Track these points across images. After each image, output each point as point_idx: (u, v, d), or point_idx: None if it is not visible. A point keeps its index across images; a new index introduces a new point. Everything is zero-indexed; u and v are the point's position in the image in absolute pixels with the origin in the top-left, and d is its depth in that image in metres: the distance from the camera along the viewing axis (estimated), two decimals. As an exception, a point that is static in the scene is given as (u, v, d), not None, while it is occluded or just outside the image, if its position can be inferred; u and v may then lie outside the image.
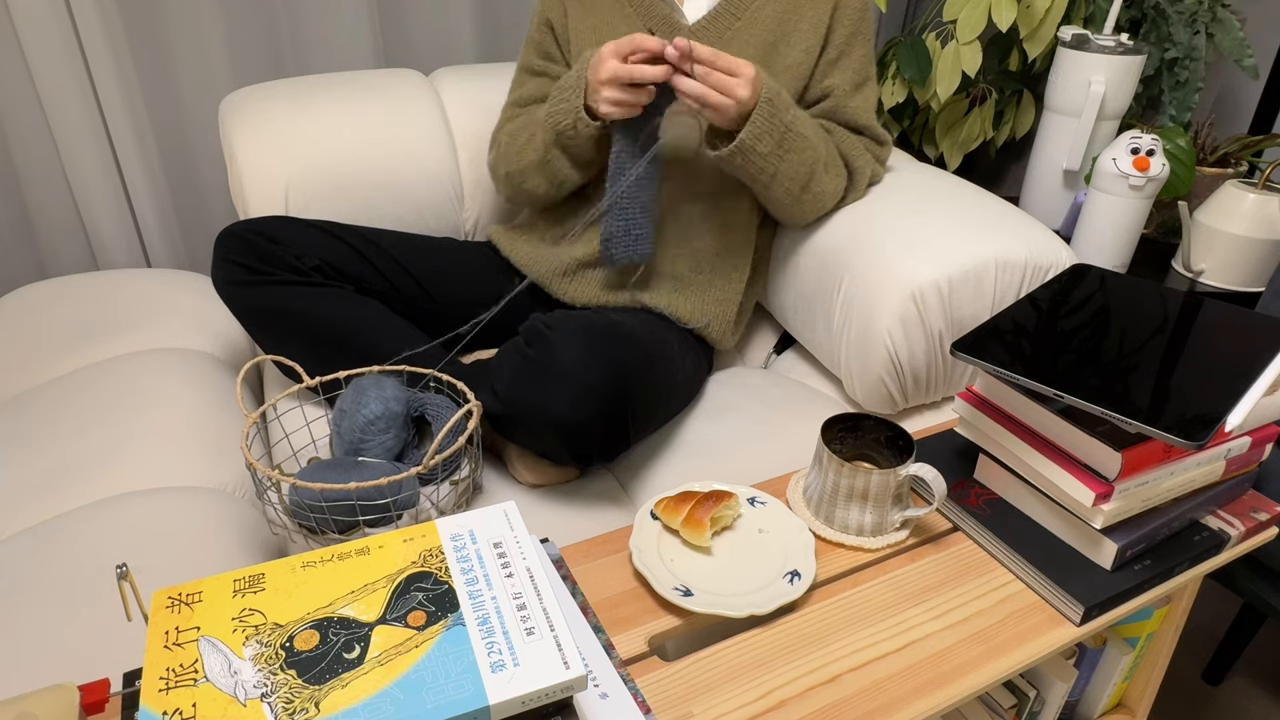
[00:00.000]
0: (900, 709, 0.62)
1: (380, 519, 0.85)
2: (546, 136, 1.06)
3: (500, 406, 0.89)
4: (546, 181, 1.10)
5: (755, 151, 1.00)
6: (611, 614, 0.69)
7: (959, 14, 1.50)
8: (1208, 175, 1.47)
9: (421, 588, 0.53)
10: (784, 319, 1.24)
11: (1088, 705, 0.98)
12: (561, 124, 1.02)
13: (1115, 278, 0.87)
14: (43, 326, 1.16)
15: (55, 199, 1.40)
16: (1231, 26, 1.48)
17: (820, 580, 0.74)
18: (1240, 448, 0.77)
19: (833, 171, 1.10)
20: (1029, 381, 0.70)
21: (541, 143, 1.07)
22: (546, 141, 1.06)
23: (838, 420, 0.81)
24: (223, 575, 0.54)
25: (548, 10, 1.17)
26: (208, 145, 1.47)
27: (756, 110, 0.97)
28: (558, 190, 1.12)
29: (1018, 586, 0.74)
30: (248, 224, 1.01)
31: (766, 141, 1.00)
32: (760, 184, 1.05)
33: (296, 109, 1.21)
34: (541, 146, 1.07)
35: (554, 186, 1.11)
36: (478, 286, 1.15)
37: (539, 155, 1.08)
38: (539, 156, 1.08)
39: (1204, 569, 0.78)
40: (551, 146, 1.06)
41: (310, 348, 1.00)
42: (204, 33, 1.38)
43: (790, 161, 1.03)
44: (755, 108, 0.97)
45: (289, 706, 0.46)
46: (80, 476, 0.89)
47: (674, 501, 0.76)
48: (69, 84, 1.30)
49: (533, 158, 1.09)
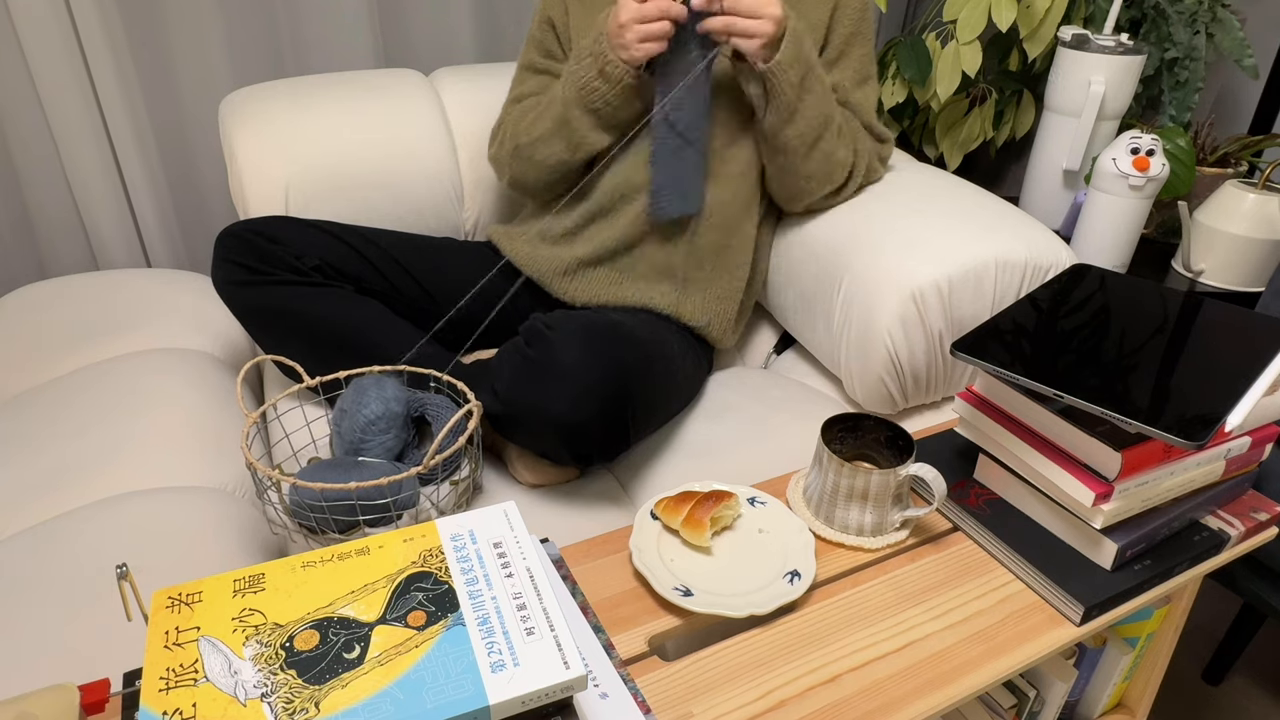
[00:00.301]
0: (900, 709, 0.62)
1: (380, 519, 0.85)
2: (567, 94, 1.05)
3: (500, 406, 0.89)
4: (563, 144, 1.09)
5: (786, 79, 1.00)
6: (611, 614, 0.69)
7: (959, 14, 1.50)
8: (1208, 175, 1.47)
9: (421, 588, 0.53)
10: (784, 319, 1.24)
11: (1088, 705, 0.98)
12: (585, 76, 1.02)
13: (1115, 278, 0.87)
14: (43, 326, 1.16)
15: (55, 199, 1.40)
16: (1231, 26, 1.48)
17: (820, 580, 0.74)
18: (1240, 448, 0.77)
19: (844, 139, 1.10)
20: (1029, 381, 0.70)
21: (561, 103, 1.06)
22: (567, 99, 1.05)
23: (838, 420, 0.81)
24: (223, 575, 0.54)
25: (549, 8, 1.17)
26: (208, 145, 1.47)
27: (786, 38, 0.98)
28: (572, 155, 1.10)
29: (1018, 586, 0.74)
30: (248, 224, 1.01)
31: (795, 70, 1.00)
32: (780, 119, 1.04)
33: (296, 109, 1.21)
34: (560, 106, 1.06)
35: (570, 150, 1.09)
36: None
37: (557, 120, 1.07)
38: (557, 120, 1.07)
39: (1204, 569, 0.78)
40: (573, 106, 1.05)
41: (310, 348, 1.00)
42: (204, 33, 1.38)
43: (809, 104, 1.03)
44: (785, 35, 0.98)
45: (289, 706, 0.46)
46: (80, 476, 0.89)
47: (674, 501, 0.76)
48: (69, 84, 1.30)
49: (549, 125, 1.08)
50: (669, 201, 1.06)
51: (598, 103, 1.04)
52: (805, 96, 1.02)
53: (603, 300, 1.12)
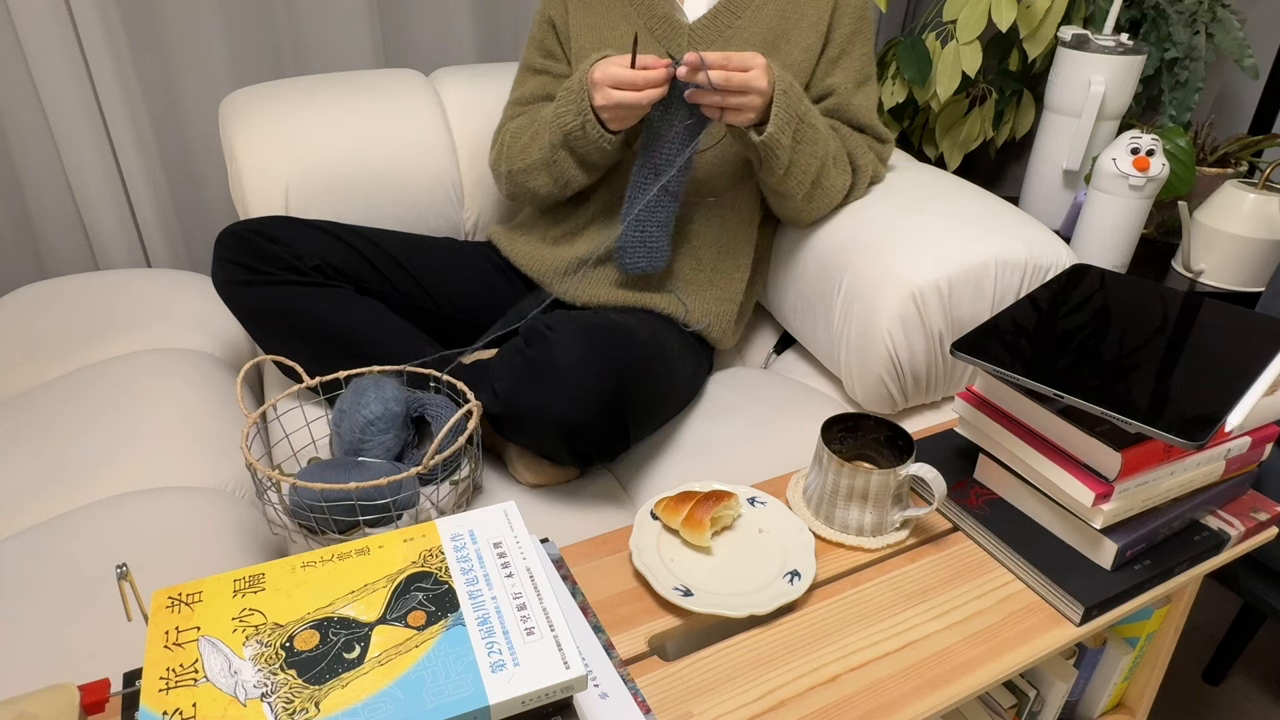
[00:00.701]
0: (900, 709, 0.62)
1: (380, 519, 0.85)
2: (553, 137, 1.05)
3: (500, 407, 0.89)
4: (551, 181, 1.10)
5: (779, 144, 1.00)
6: (611, 614, 0.69)
7: (959, 14, 1.50)
8: (1208, 175, 1.47)
9: (421, 588, 0.53)
10: (784, 319, 1.24)
11: (1088, 705, 0.98)
12: (569, 125, 1.02)
13: (1115, 278, 0.87)
14: (42, 326, 1.16)
15: (55, 199, 1.40)
16: (1231, 26, 1.48)
17: (820, 580, 0.74)
18: (1240, 448, 0.77)
19: (840, 167, 1.10)
20: (1029, 381, 0.70)
21: (548, 142, 1.06)
22: (553, 142, 1.05)
23: (838, 420, 0.81)
24: (223, 575, 0.54)
25: (549, 8, 1.17)
26: (208, 145, 1.47)
27: (774, 101, 0.97)
28: (562, 191, 1.11)
29: (1018, 586, 0.74)
30: (248, 224, 1.01)
31: (786, 133, 1.00)
32: (776, 177, 1.05)
33: (296, 109, 1.21)
34: (548, 146, 1.07)
35: (559, 187, 1.11)
36: (478, 286, 1.15)
37: (544, 155, 1.08)
38: (544, 156, 1.08)
39: (1204, 569, 0.78)
40: (559, 148, 1.05)
41: (310, 348, 1.00)
42: (204, 33, 1.38)
43: (803, 153, 1.03)
44: (773, 97, 0.97)
45: (289, 706, 0.46)
46: (80, 476, 0.89)
47: (674, 501, 0.76)
48: (69, 84, 1.30)
49: (537, 156, 1.09)
50: (632, 259, 1.07)
51: (579, 149, 1.04)
52: (800, 148, 1.02)
53: (603, 301, 1.12)
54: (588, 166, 1.07)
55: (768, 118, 0.98)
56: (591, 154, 1.04)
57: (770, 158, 1.01)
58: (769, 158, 1.01)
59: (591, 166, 1.08)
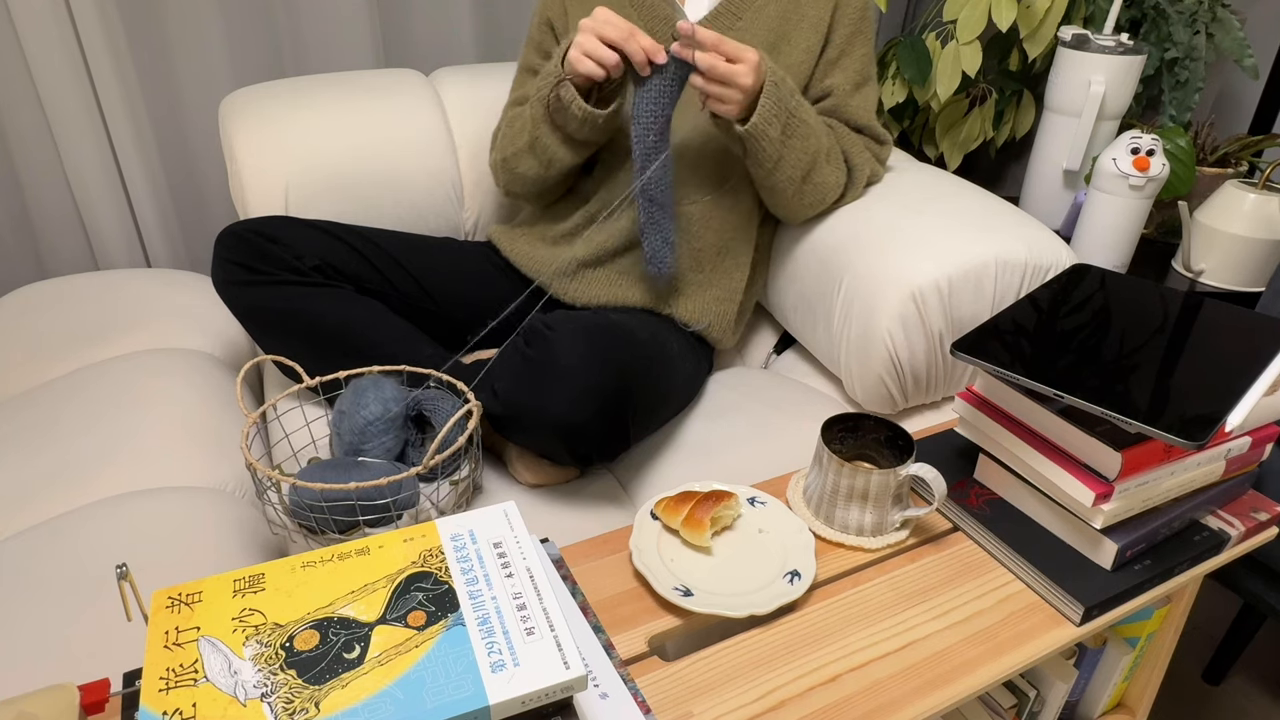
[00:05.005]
0: (900, 709, 0.62)
1: (380, 519, 0.85)
2: (535, 111, 1.05)
3: (500, 407, 0.89)
4: (536, 161, 1.09)
5: (765, 136, 1.00)
6: (611, 614, 0.69)
7: (959, 14, 1.50)
8: (1208, 175, 1.47)
9: (421, 588, 0.53)
10: (784, 319, 1.24)
11: (1088, 705, 0.98)
12: (544, 91, 1.01)
13: (1115, 278, 0.87)
14: (42, 326, 1.16)
15: (55, 199, 1.40)
16: (1231, 26, 1.48)
17: (820, 580, 0.74)
18: (1240, 448, 0.77)
19: (834, 163, 1.10)
20: (1029, 381, 0.70)
21: (529, 118, 1.06)
22: (535, 117, 1.05)
23: (838, 420, 0.81)
24: (223, 575, 0.54)
25: (548, 9, 1.17)
26: (208, 145, 1.47)
27: (763, 94, 0.97)
28: (547, 170, 1.10)
29: (1018, 586, 0.74)
30: (247, 224, 1.01)
31: (774, 125, 1.00)
32: (764, 170, 1.05)
33: (296, 109, 1.21)
34: (530, 123, 1.07)
35: (543, 166, 1.09)
36: (478, 287, 1.15)
37: (529, 134, 1.08)
38: (529, 136, 1.08)
39: (1204, 569, 0.78)
40: (540, 122, 1.05)
41: (310, 348, 1.00)
42: (204, 33, 1.38)
43: (793, 148, 1.03)
44: (762, 91, 0.97)
45: (289, 706, 0.46)
46: (80, 476, 0.89)
47: (674, 501, 0.76)
48: (69, 84, 1.30)
49: (524, 139, 1.09)
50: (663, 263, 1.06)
51: (557, 118, 1.03)
52: (789, 142, 1.02)
53: (603, 301, 1.12)
54: (567, 141, 1.06)
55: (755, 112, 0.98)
56: (569, 124, 1.03)
57: (756, 149, 1.01)
58: (754, 149, 1.01)
59: (570, 142, 1.06)
